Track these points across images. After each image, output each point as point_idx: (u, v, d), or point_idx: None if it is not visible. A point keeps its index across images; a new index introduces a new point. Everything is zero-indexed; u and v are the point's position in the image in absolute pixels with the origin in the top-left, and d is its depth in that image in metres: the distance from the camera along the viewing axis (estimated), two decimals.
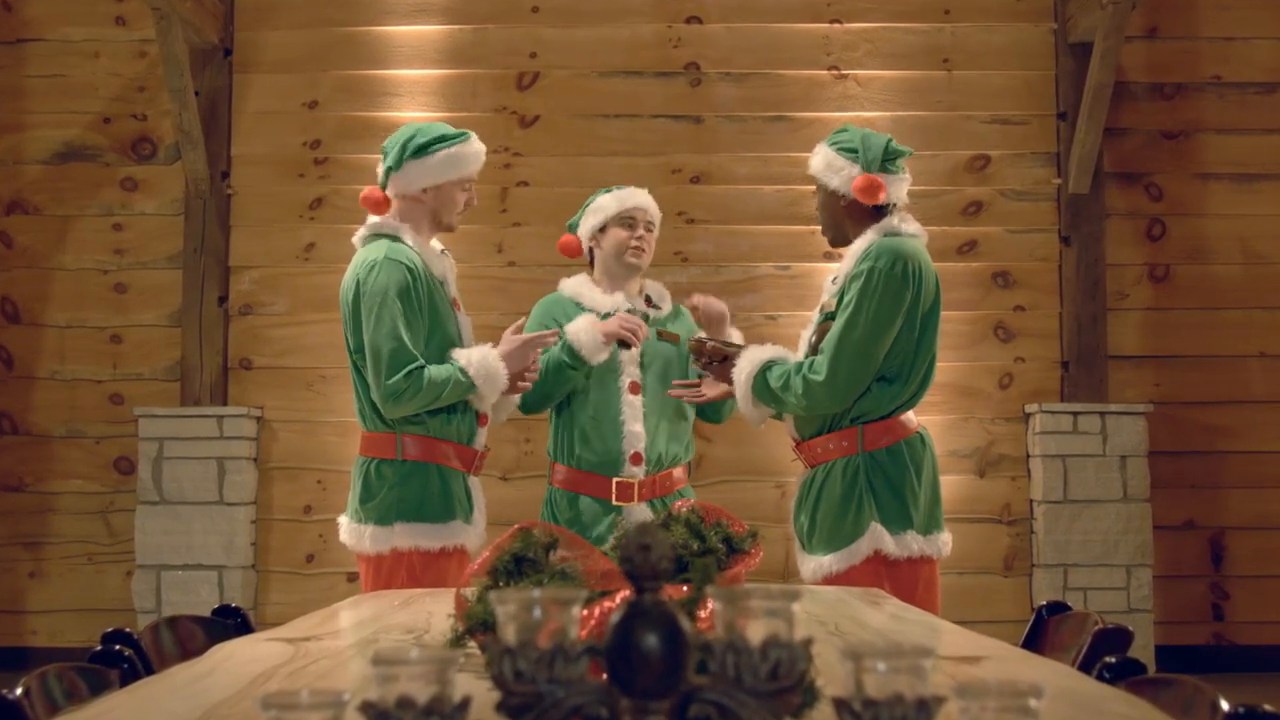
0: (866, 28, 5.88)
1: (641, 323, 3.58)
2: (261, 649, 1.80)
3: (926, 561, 3.24)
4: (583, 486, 3.61)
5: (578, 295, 3.75)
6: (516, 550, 1.62)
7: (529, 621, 0.99)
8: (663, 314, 3.76)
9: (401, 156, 3.39)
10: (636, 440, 3.59)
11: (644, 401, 3.62)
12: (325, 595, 5.48)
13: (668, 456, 3.64)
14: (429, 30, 5.89)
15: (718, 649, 0.95)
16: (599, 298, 3.72)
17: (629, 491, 3.56)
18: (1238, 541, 5.74)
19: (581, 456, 3.61)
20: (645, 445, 3.59)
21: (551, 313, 3.76)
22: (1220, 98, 5.88)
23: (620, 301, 3.70)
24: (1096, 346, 5.73)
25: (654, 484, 3.59)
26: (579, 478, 3.61)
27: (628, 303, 3.71)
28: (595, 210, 3.75)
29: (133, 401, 5.75)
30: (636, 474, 3.57)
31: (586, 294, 3.74)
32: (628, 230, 3.70)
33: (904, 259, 3.21)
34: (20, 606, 5.77)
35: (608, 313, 3.66)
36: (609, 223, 3.71)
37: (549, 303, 3.81)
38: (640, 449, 3.58)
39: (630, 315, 3.59)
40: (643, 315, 3.68)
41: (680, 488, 3.67)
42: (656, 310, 3.75)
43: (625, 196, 3.73)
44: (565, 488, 3.64)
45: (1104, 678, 1.59)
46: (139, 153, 5.91)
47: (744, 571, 1.88)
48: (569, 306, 3.74)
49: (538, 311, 3.79)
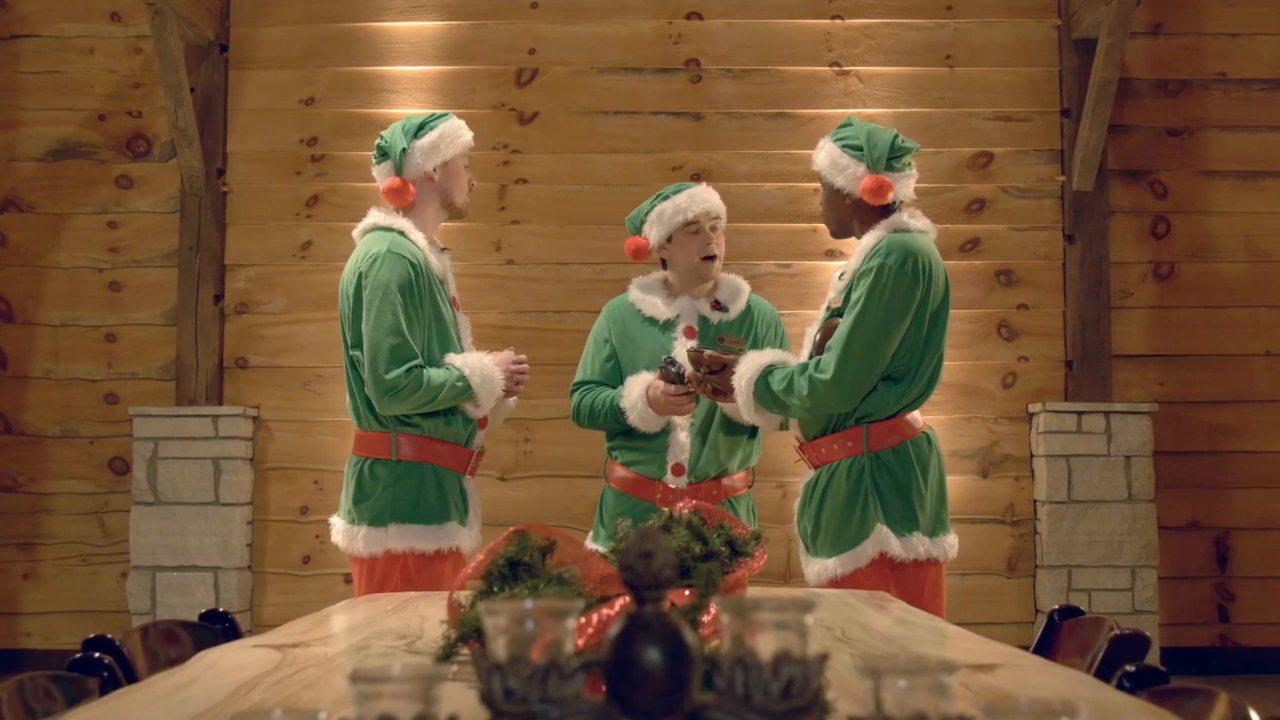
0: (868, 24, 5.83)
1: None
2: (247, 656, 1.74)
3: (933, 564, 3.18)
4: (632, 489, 3.56)
5: (640, 300, 3.66)
6: (512, 554, 1.56)
7: (521, 635, 0.92)
8: (730, 318, 3.61)
9: (408, 140, 3.36)
10: (680, 451, 3.52)
11: (694, 411, 3.52)
12: (322, 597, 5.43)
13: (715, 466, 3.54)
14: (427, 26, 5.83)
15: (725, 664, 0.88)
16: (659, 305, 3.62)
17: (672, 498, 3.48)
18: (1243, 542, 5.69)
19: (632, 459, 3.57)
20: (689, 456, 3.51)
21: (613, 319, 3.69)
22: (1225, 94, 5.83)
23: (684, 309, 3.61)
24: (1100, 345, 5.68)
25: (698, 492, 3.47)
26: (630, 479, 3.57)
27: (693, 310, 3.60)
28: (658, 220, 3.60)
29: (127, 401, 5.70)
30: (679, 484, 3.51)
31: (648, 301, 3.64)
32: (695, 238, 3.57)
33: (914, 255, 3.14)
34: (14, 608, 5.72)
35: (668, 320, 3.59)
36: (674, 233, 3.58)
37: (614, 308, 3.73)
38: (683, 460, 3.52)
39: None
40: (702, 320, 3.59)
41: (733, 496, 3.56)
42: (723, 314, 3.62)
43: (685, 204, 3.57)
44: (618, 487, 3.60)
45: (1124, 686, 1.54)
46: (134, 150, 5.85)
47: (748, 575, 1.82)
48: (629, 312, 3.67)
49: (602, 317, 3.73)
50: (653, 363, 3.54)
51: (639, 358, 3.58)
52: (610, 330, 3.67)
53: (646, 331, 3.62)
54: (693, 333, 3.59)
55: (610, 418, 3.55)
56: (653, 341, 3.59)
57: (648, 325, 3.63)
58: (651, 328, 3.62)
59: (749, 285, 3.71)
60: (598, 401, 3.57)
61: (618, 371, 3.62)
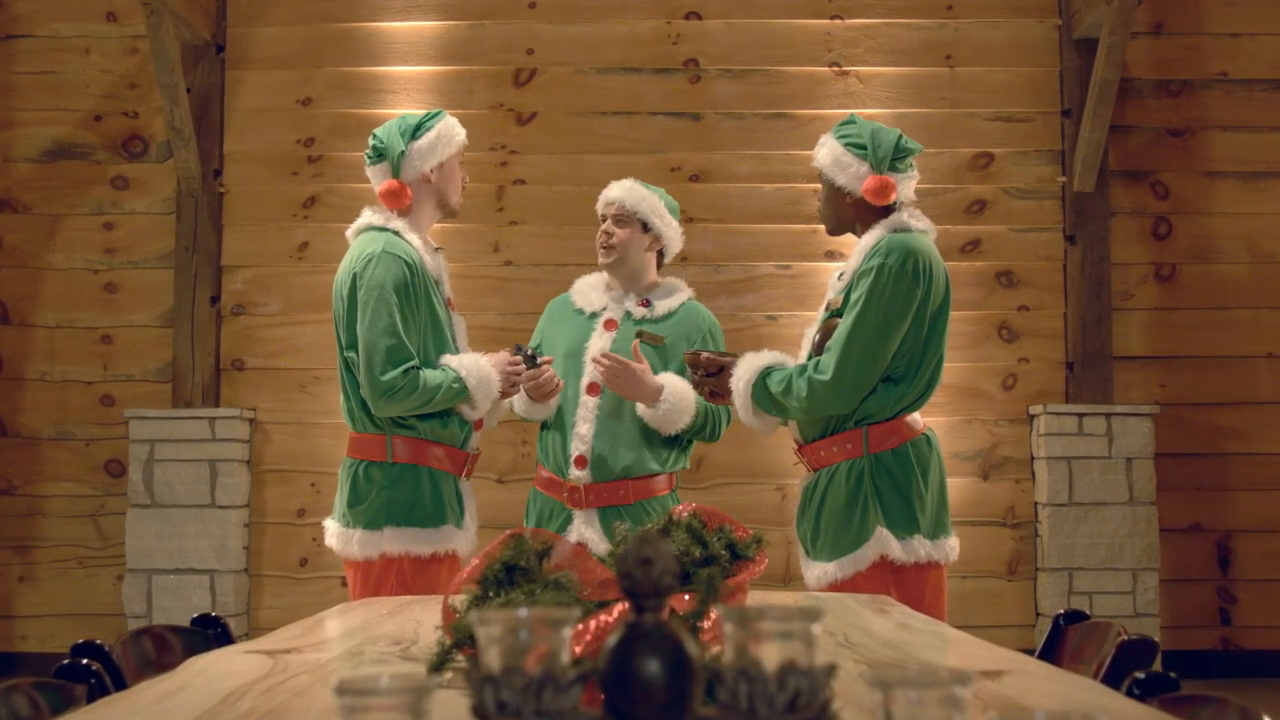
0: (868, 23, 5.80)
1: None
2: (238, 663, 1.70)
3: (934, 567, 3.15)
4: (546, 487, 3.53)
5: (576, 293, 3.71)
6: (508, 558, 1.52)
7: (515, 644, 0.88)
8: (654, 315, 3.60)
9: (405, 141, 3.32)
10: (581, 443, 3.44)
11: (599, 404, 3.47)
12: (319, 600, 5.40)
13: (619, 464, 3.44)
14: (424, 26, 5.81)
15: (729, 676, 0.84)
16: (591, 298, 3.65)
17: (578, 496, 3.43)
18: (1245, 545, 5.66)
19: (544, 456, 3.55)
20: (590, 449, 3.43)
21: (551, 311, 3.74)
22: (1227, 95, 5.81)
23: (613, 303, 3.61)
24: (1102, 347, 5.65)
25: (602, 491, 3.42)
26: (545, 478, 3.55)
27: (621, 305, 3.61)
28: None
29: (123, 403, 5.67)
30: (581, 478, 3.42)
31: (583, 294, 3.68)
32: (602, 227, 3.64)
33: (915, 255, 3.11)
34: (9, 611, 5.69)
35: (594, 312, 3.60)
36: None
37: (555, 301, 3.78)
38: (584, 452, 3.43)
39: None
40: (626, 314, 3.59)
41: (644, 499, 3.44)
42: (648, 310, 3.62)
43: (602, 195, 3.67)
44: (537, 486, 3.59)
45: (1134, 694, 1.50)
46: (130, 150, 5.82)
47: (748, 580, 1.79)
48: (565, 305, 3.71)
49: (546, 309, 3.76)
50: (567, 351, 3.53)
51: (557, 347, 3.57)
52: (546, 322, 3.71)
53: (572, 322, 3.62)
54: (614, 325, 3.58)
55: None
56: (574, 332, 3.59)
57: (575, 316, 3.63)
58: (578, 318, 3.62)
59: (691, 290, 3.71)
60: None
61: None
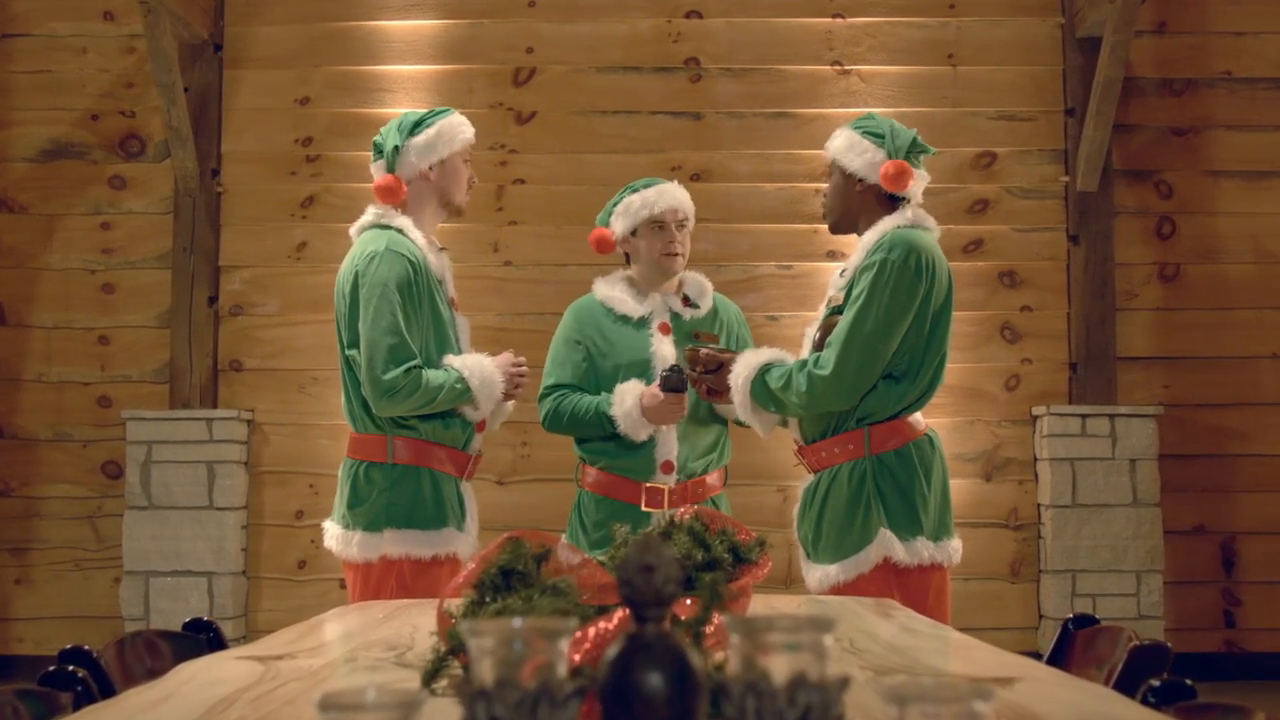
0: (870, 22, 5.77)
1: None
2: (228, 669, 1.66)
3: (937, 569, 3.11)
4: (612, 491, 3.47)
5: (609, 300, 3.58)
6: (505, 562, 1.49)
7: (509, 656, 0.84)
8: (700, 314, 3.57)
9: (402, 137, 3.28)
10: (668, 448, 3.44)
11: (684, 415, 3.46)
12: (318, 602, 5.36)
13: (699, 463, 3.49)
14: (423, 25, 5.77)
15: (735, 690, 0.80)
16: (630, 303, 3.55)
17: (659, 498, 3.43)
18: (1249, 546, 5.63)
19: (612, 461, 3.48)
20: (676, 453, 3.44)
21: (582, 320, 3.59)
22: (1231, 93, 5.77)
23: (656, 306, 3.55)
24: (1105, 347, 5.61)
25: (685, 491, 3.44)
26: (609, 482, 3.47)
27: (664, 307, 3.55)
28: (624, 213, 3.56)
29: (120, 404, 5.63)
30: (667, 481, 3.44)
31: (619, 299, 3.57)
32: (660, 234, 3.53)
33: (918, 251, 3.07)
34: (6, 614, 5.66)
35: (641, 317, 3.53)
36: (639, 226, 3.54)
37: (580, 308, 3.63)
38: (671, 457, 3.44)
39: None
40: (674, 316, 3.54)
41: (714, 494, 3.52)
42: (694, 310, 3.57)
43: (654, 199, 3.53)
44: (595, 491, 3.50)
45: (1150, 702, 1.46)
46: (127, 150, 5.79)
47: (752, 584, 1.75)
48: (599, 311, 3.59)
49: (569, 318, 3.63)
50: (631, 362, 3.47)
51: (615, 357, 3.51)
52: (581, 331, 3.58)
53: (620, 330, 3.54)
54: (667, 329, 3.53)
55: (594, 424, 3.45)
56: (628, 340, 3.52)
57: (621, 324, 3.55)
58: (625, 326, 3.54)
59: (711, 283, 3.67)
60: (578, 408, 3.47)
61: (593, 373, 3.54)
